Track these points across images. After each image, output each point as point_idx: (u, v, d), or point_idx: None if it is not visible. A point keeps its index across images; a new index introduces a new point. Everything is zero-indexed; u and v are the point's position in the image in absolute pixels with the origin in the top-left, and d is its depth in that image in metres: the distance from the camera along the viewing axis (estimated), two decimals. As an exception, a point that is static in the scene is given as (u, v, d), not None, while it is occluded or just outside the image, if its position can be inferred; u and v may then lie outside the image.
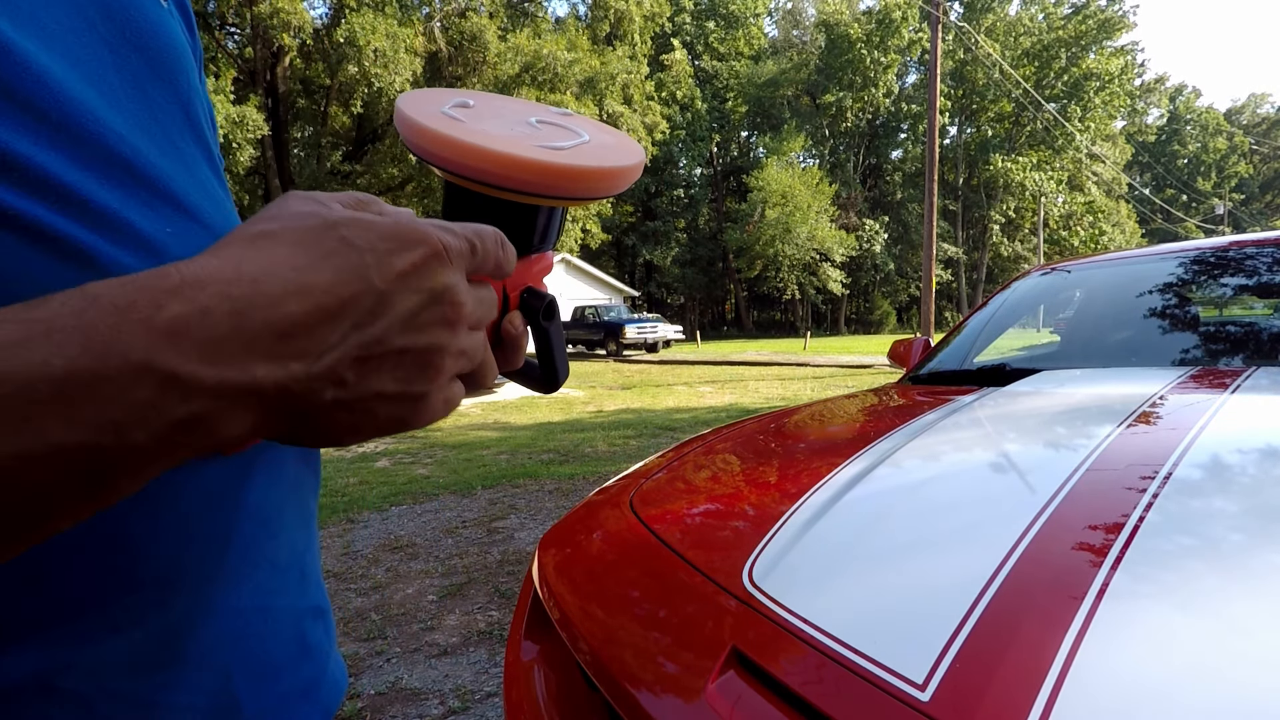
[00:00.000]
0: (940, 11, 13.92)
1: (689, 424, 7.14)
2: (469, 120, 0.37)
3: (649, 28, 27.02)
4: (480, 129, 0.36)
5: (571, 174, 0.35)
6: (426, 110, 0.37)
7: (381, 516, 4.01)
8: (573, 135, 0.39)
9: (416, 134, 0.35)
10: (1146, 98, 49.56)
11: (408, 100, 0.38)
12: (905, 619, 0.63)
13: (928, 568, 0.71)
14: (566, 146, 0.37)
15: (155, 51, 0.34)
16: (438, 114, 0.37)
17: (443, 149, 0.35)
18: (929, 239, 14.55)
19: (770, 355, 18.40)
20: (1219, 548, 0.67)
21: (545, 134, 0.38)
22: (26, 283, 0.25)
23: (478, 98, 0.40)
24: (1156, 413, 1.13)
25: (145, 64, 0.34)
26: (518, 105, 0.42)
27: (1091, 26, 34.91)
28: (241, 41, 19.56)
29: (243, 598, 0.37)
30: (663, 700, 0.64)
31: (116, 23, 0.32)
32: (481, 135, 0.35)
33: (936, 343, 2.39)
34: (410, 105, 0.37)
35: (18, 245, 0.25)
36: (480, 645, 2.34)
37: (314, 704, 0.42)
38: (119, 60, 0.32)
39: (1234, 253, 1.97)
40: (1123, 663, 0.51)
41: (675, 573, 0.84)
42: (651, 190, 38.72)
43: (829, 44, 38.06)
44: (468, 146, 0.34)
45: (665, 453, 1.48)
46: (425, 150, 0.35)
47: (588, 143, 0.38)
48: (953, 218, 39.52)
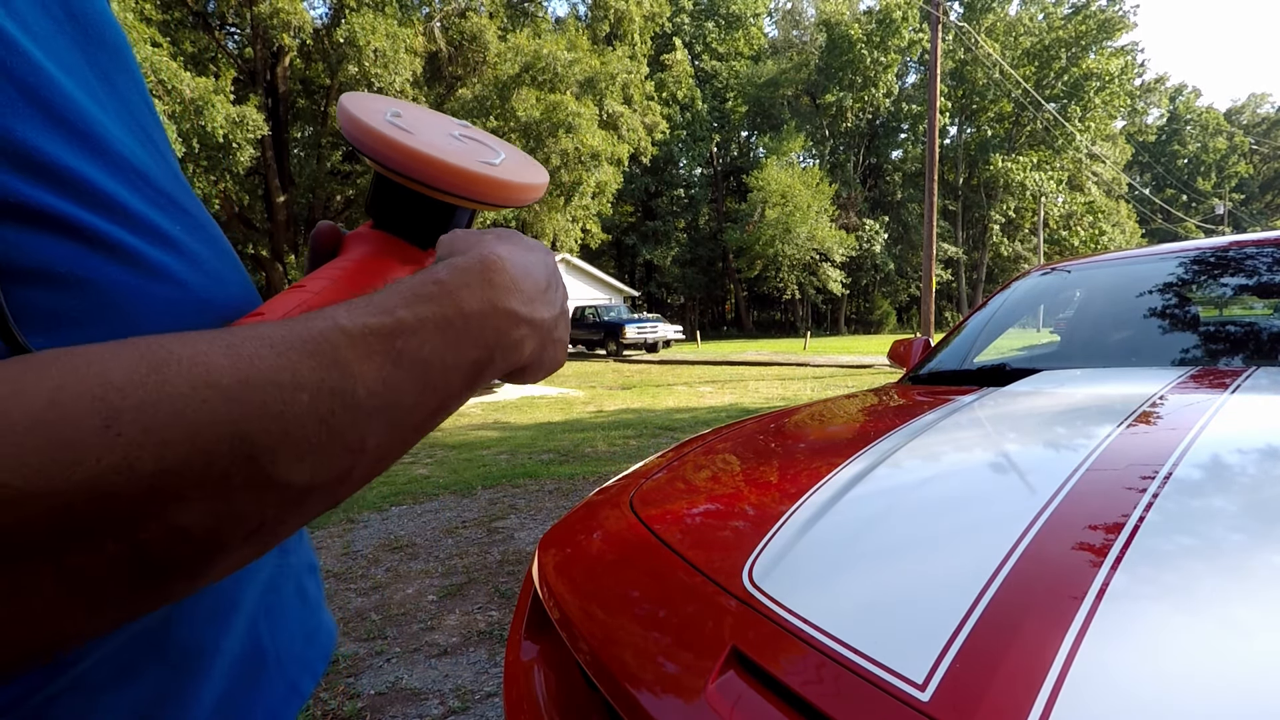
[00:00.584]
0: (940, 11, 13.92)
1: (689, 424, 7.14)
2: (413, 131, 0.42)
3: (649, 28, 27.01)
4: (428, 141, 0.42)
5: (500, 185, 0.43)
6: (375, 117, 0.42)
7: (381, 516, 4.01)
8: (493, 152, 0.46)
9: (376, 140, 0.41)
10: (1146, 98, 49.52)
11: (352, 102, 0.43)
12: (905, 619, 0.63)
13: (928, 567, 0.71)
14: (496, 162, 0.44)
15: (111, 41, 0.36)
16: (387, 122, 0.42)
17: (399, 155, 0.40)
18: (929, 239, 14.55)
19: (770, 355, 18.40)
20: (1219, 548, 0.67)
21: (473, 149, 0.45)
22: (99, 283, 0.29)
23: (404, 107, 0.46)
24: (1156, 413, 1.13)
25: (108, 56, 0.35)
26: (436, 117, 0.48)
27: (1091, 26, 34.91)
28: (241, 41, 19.56)
29: (272, 551, 0.42)
30: (663, 700, 0.64)
31: (76, 18, 0.33)
32: (431, 147, 0.41)
33: (936, 343, 2.39)
34: (357, 109, 0.42)
35: (89, 253, 0.29)
36: (480, 645, 2.34)
37: (316, 648, 0.47)
38: (88, 57, 0.33)
39: (1234, 253, 1.97)
40: (1123, 663, 0.51)
41: (675, 573, 0.84)
42: (651, 190, 38.71)
43: (829, 44, 38.05)
44: (424, 156, 0.40)
45: (665, 453, 1.48)
46: (381, 154, 0.41)
47: (506, 160, 0.45)
48: (953, 218, 39.52)
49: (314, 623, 0.48)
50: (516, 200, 0.45)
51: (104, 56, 0.35)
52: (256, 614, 0.41)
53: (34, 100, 0.28)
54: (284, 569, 0.45)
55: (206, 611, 0.37)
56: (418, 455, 5.90)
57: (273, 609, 0.43)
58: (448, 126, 0.47)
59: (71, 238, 0.29)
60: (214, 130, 13.80)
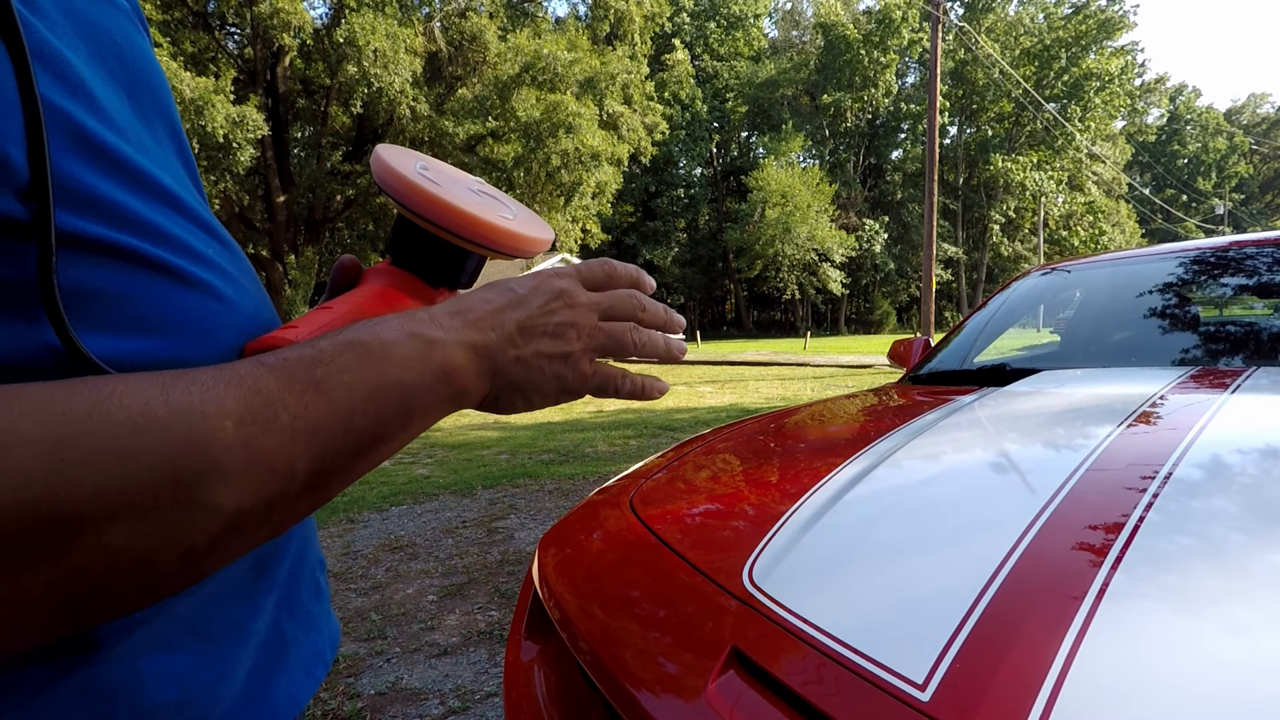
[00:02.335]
0: (940, 11, 13.92)
1: (689, 424, 7.14)
2: (440, 183, 0.47)
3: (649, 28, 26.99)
4: (453, 193, 0.47)
5: (512, 236, 0.48)
6: (408, 168, 0.47)
7: (381, 516, 4.01)
8: (505, 207, 0.51)
9: (407, 188, 0.45)
10: (1146, 98, 49.49)
11: (387, 154, 0.48)
12: (905, 619, 0.63)
13: (928, 568, 0.71)
14: (510, 217, 0.49)
15: (154, 85, 0.41)
16: (418, 172, 0.47)
17: (428, 204, 0.45)
18: (929, 239, 14.54)
19: (770, 355, 18.39)
20: (1219, 548, 0.67)
21: (490, 204, 0.50)
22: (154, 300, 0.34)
23: (429, 162, 0.51)
24: (1156, 413, 1.13)
25: (150, 99, 0.40)
26: (456, 173, 0.53)
27: (1091, 26, 34.90)
28: (241, 41, 19.54)
29: (292, 544, 0.46)
30: (663, 700, 0.64)
31: (127, 66, 0.38)
32: (456, 199, 0.46)
33: (936, 343, 2.39)
34: (392, 160, 0.47)
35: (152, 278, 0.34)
36: (480, 645, 2.34)
37: (325, 639, 0.50)
38: (134, 101, 0.38)
39: (1234, 253, 1.97)
40: (1123, 663, 0.51)
41: (675, 573, 0.84)
42: (651, 190, 38.70)
43: (828, 44, 38.04)
44: (450, 206, 0.45)
45: (665, 453, 1.48)
46: (414, 201, 0.45)
47: (519, 216, 0.51)
48: (953, 217, 39.51)
49: (323, 616, 0.50)
50: (524, 251, 0.49)
51: (147, 99, 0.40)
52: (279, 601, 0.44)
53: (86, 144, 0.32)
54: (302, 562, 0.47)
55: (239, 593, 0.40)
56: (418, 455, 5.90)
57: (291, 599, 0.45)
58: (467, 182, 0.51)
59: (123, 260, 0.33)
60: (214, 130, 13.81)
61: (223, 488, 0.28)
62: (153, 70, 0.41)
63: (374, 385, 0.33)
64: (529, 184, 18.82)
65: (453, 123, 18.49)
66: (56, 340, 0.29)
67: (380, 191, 0.48)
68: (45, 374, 0.28)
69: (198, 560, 0.28)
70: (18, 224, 0.29)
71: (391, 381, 0.34)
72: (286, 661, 0.44)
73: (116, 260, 0.33)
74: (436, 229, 0.46)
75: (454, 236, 0.46)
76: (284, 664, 0.43)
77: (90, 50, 0.35)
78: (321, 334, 0.35)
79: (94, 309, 0.31)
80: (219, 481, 0.27)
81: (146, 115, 0.39)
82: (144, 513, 0.26)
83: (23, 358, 0.29)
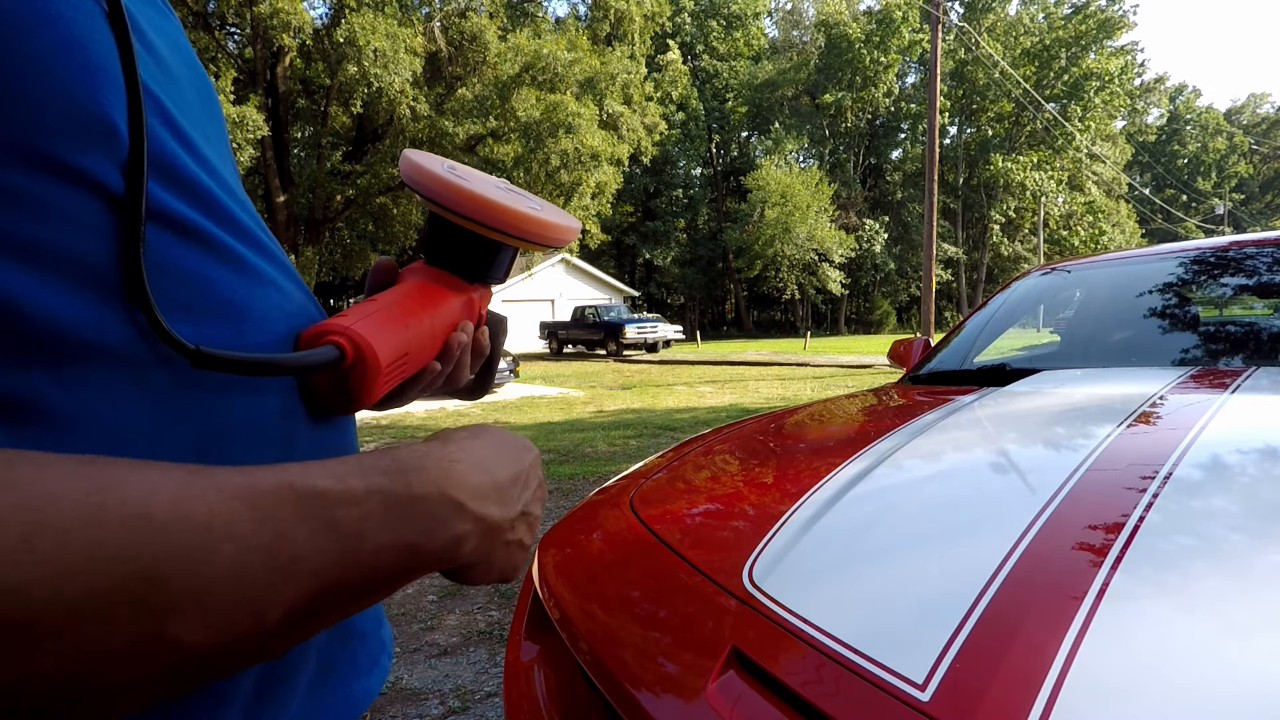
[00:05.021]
0: (940, 11, 13.92)
1: (689, 424, 7.14)
2: (470, 180, 0.48)
3: (649, 28, 26.99)
4: (483, 188, 0.47)
5: (544, 224, 0.49)
6: (437, 168, 0.48)
7: (381, 516, 4.01)
8: (530, 201, 0.51)
9: (439, 184, 0.46)
10: (1146, 98, 49.51)
11: (416, 156, 0.49)
12: (905, 619, 0.63)
13: (928, 568, 0.71)
14: (538, 208, 0.50)
15: (209, 87, 0.42)
16: (447, 170, 0.48)
17: (461, 198, 0.46)
18: (929, 239, 14.54)
19: (770, 355, 18.39)
20: (1219, 548, 0.67)
21: (517, 198, 0.50)
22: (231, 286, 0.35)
23: (455, 165, 0.51)
24: (1156, 413, 1.13)
25: (208, 99, 0.42)
26: (482, 174, 0.53)
27: (1091, 26, 34.87)
28: (241, 41, 19.52)
29: None
30: (663, 700, 0.64)
31: (190, 64, 0.40)
32: (486, 192, 0.47)
33: (936, 343, 2.38)
34: (422, 160, 0.48)
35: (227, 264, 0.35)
36: (480, 645, 2.34)
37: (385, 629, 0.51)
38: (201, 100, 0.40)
39: (1234, 253, 1.97)
40: (1123, 663, 0.51)
41: (675, 573, 0.84)
42: (651, 190, 38.68)
43: (828, 44, 38.02)
44: (482, 198, 0.46)
45: (665, 453, 1.48)
46: (443, 197, 0.46)
47: (545, 208, 0.51)
48: (953, 217, 39.51)
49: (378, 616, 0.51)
50: (554, 240, 0.50)
51: (207, 98, 0.41)
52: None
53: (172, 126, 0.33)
54: None
55: None
56: (418, 455, 5.89)
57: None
58: (493, 180, 0.52)
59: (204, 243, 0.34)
60: (214, 130, 13.77)
61: (192, 618, 0.24)
62: (204, 73, 0.43)
63: (387, 540, 0.30)
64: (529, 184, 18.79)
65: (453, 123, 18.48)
66: (144, 321, 0.29)
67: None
68: (131, 358, 0.29)
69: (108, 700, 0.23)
70: (115, 198, 0.29)
71: (405, 543, 0.31)
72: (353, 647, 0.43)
73: (198, 243, 0.33)
74: (469, 223, 0.47)
75: (486, 229, 0.47)
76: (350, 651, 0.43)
77: (166, 45, 0.36)
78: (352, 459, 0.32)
79: (177, 290, 0.31)
80: (192, 609, 0.23)
81: (210, 112, 0.40)
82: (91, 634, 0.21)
83: (110, 337, 0.28)
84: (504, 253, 0.51)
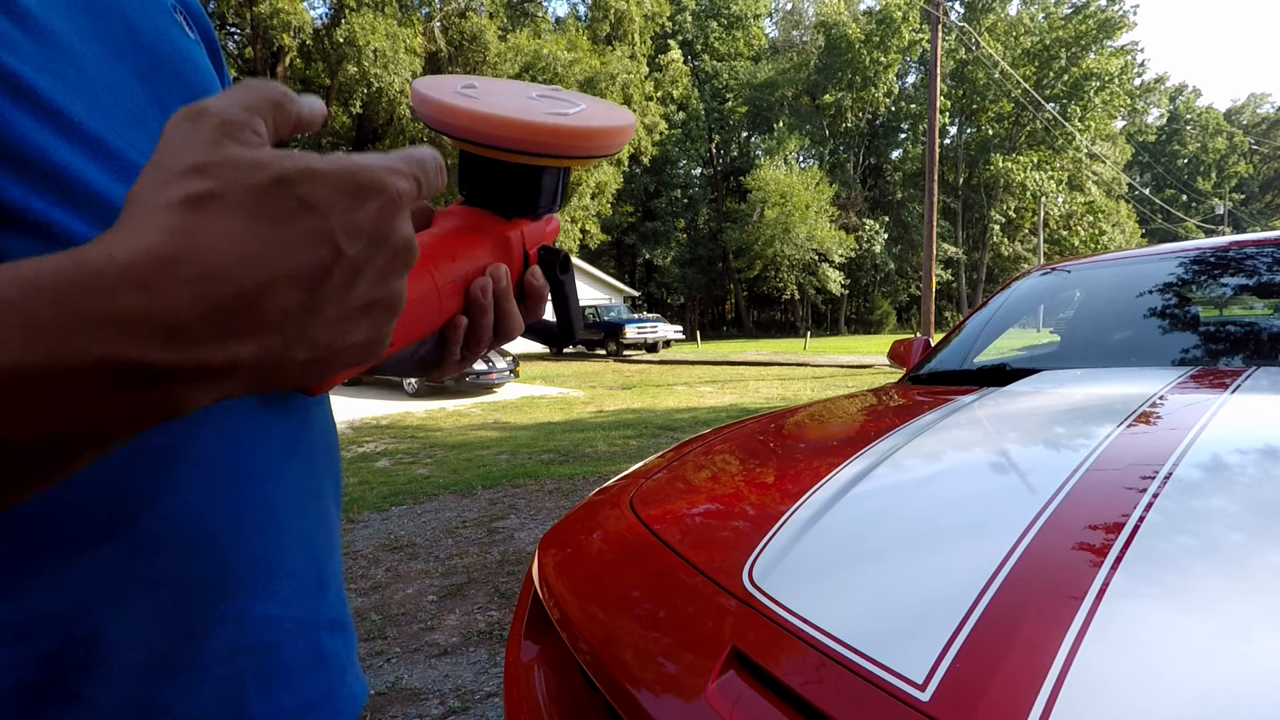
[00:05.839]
0: (940, 11, 13.92)
1: (689, 424, 7.14)
2: (481, 97, 0.41)
3: (649, 28, 27.00)
4: (495, 102, 0.40)
5: (578, 134, 0.40)
6: (444, 90, 0.40)
7: (381, 516, 4.01)
8: (571, 104, 0.43)
9: (439, 110, 0.39)
10: (1146, 98, 49.43)
11: (423, 84, 0.41)
12: (905, 619, 0.63)
13: (928, 568, 0.71)
14: (571, 113, 0.41)
15: (183, 75, 0.39)
16: (455, 93, 0.40)
17: (466, 121, 0.39)
18: (929, 239, 14.54)
19: (770, 355, 18.39)
20: (1219, 548, 0.67)
21: (548, 105, 0.42)
22: None
23: (479, 81, 0.44)
24: (1156, 413, 1.13)
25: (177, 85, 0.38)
26: (515, 85, 0.46)
27: (1091, 26, 34.88)
28: (241, 41, 19.54)
29: (257, 605, 0.38)
30: (663, 700, 0.64)
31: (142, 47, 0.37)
32: (498, 106, 0.39)
33: (936, 343, 2.38)
34: (427, 87, 0.41)
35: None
36: (480, 645, 2.34)
37: (326, 714, 0.42)
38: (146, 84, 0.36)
39: (1234, 253, 1.97)
40: (1123, 662, 0.51)
41: (675, 573, 0.84)
42: (651, 190, 38.68)
43: (829, 44, 38.02)
44: (489, 116, 0.38)
45: (665, 453, 1.48)
46: (448, 124, 0.39)
47: (585, 110, 0.43)
48: (953, 217, 39.50)
49: (326, 685, 0.43)
50: (594, 147, 0.41)
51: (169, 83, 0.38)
52: (244, 676, 0.37)
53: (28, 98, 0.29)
54: (286, 625, 0.40)
55: (143, 670, 0.33)
56: (418, 455, 5.90)
57: (266, 670, 0.38)
58: (526, 91, 0.45)
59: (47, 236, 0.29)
60: (214, 130, 13.77)
61: None
62: (184, 59, 0.40)
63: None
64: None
65: (453, 123, 18.51)
66: None
67: None
68: None
69: None
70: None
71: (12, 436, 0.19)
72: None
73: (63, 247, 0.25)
74: (487, 149, 0.40)
75: (509, 153, 0.40)
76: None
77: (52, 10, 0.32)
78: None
79: None
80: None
81: (162, 97, 0.37)
82: None
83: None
84: (545, 176, 0.43)
